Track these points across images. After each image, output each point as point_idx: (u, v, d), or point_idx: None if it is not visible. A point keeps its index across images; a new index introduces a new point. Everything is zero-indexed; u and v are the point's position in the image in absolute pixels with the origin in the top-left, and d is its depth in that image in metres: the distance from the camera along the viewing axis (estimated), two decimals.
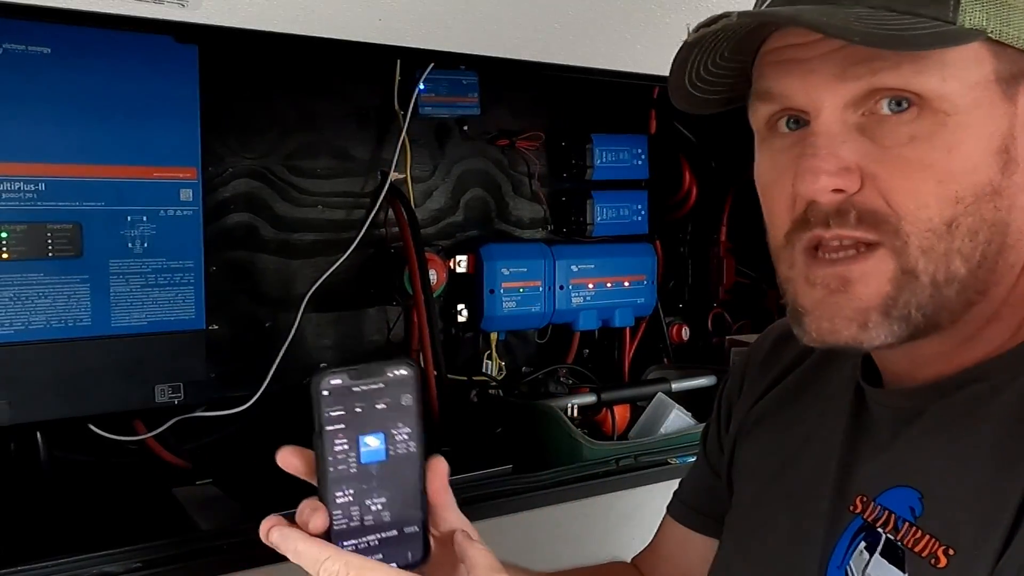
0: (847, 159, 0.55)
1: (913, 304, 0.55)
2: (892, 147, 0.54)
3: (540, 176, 1.55)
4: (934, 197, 0.54)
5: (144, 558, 0.96)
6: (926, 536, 0.56)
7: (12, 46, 0.98)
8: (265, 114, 1.30)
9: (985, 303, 0.57)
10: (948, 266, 0.54)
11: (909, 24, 0.52)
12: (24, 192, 1.00)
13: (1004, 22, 0.53)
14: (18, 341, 1.01)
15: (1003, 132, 0.54)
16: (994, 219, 0.55)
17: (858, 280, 0.56)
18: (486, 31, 0.97)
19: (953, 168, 0.54)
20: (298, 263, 1.35)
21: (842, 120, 0.55)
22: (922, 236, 0.54)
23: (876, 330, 0.55)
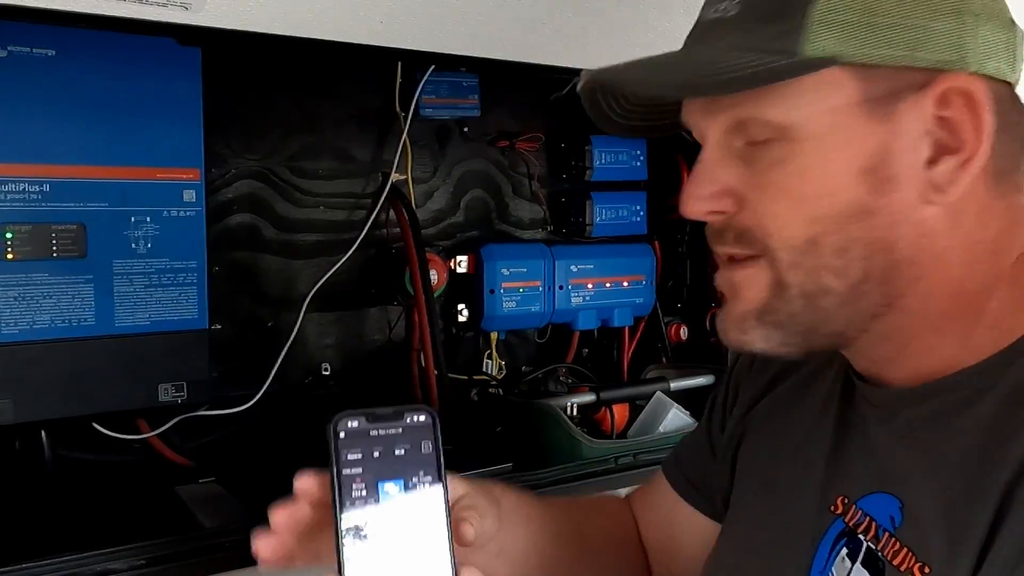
0: (724, 182, 0.59)
1: (785, 312, 0.58)
2: (758, 172, 0.57)
3: (540, 177, 1.55)
4: (793, 218, 0.56)
5: (147, 556, 0.96)
6: (904, 549, 0.56)
7: (17, 48, 0.98)
8: (267, 116, 1.30)
9: (900, 314, 0.57)
10: (818, 280, 0.57)
11: (744, 63, 0.54)
12: (29, 193, 1.00)
13: (868, 44, 0.53)
14: (23, 340, 1.01)
15: (870, 153, 0.55)
16: (869, 238, 0.56)
17: (742, 285, 0.60)
18: (486, 33, 0.97)
19: (807, 191, 0.56)
20: (300, 263, 1.35)
21: (726, 146, 0.59)
22: (787, 252, 0.57)
23: (753, 333, 0.60)
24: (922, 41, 0.53)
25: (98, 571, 0.94)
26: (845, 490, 0.63)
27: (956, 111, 0.54)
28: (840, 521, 0.62)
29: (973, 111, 0.54)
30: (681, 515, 0.85)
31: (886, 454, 0.60)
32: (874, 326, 0.58)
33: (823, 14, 0.53)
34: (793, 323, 0.58)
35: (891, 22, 0.53)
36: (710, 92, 0.57)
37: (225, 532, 1.01)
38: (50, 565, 0.92)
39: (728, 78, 0.54)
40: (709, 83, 0.55)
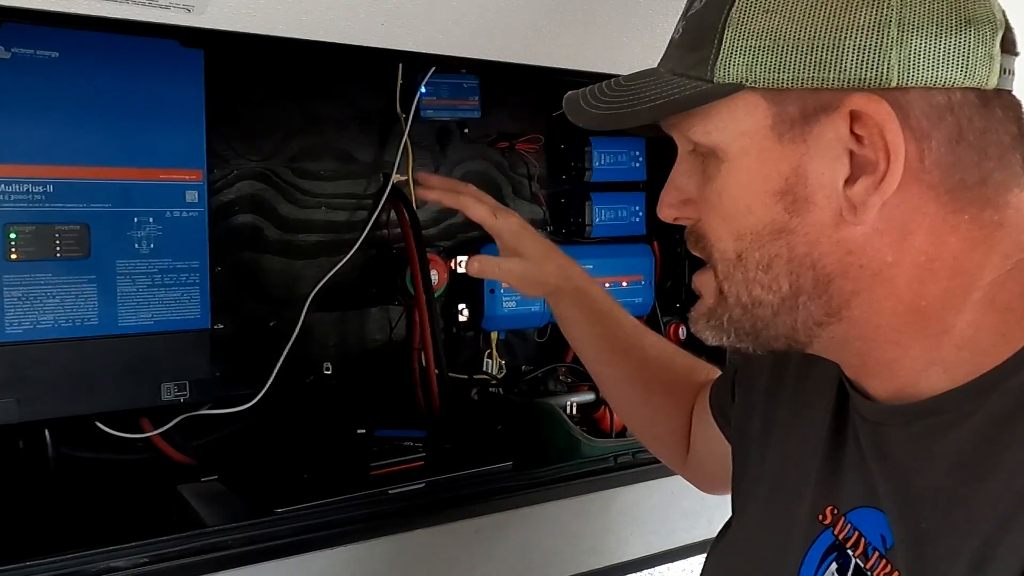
0: (688, 191, 0.63)
1: (726, 318, 0.61)
2: (701, 185, 0.61)
3: (540, 178, 1.55)
4: (722, 232, 0.59)
5: (150, 554, 0.96)
6: (895, 572, 0.55)
7: (21, 50, 0.98)
8: (269, 117, 1.31)
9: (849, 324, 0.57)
10: (750, 292, 0.59)
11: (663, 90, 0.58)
12: (33, 194, 1.01)
13: (776, 68, 0.54)
14: (27, 340, 1.01)
15: (783, 175, 0.55)
16: (790, 255, 0.56)
17: (700, 289, 0.64)
18: (487, 36, 0.97)
19: (727, 209, 0.58)
20: (302, 263, 1.35)
21: (691, 157, 0.62)
22: (722, 263, 0.60)
23: (704, 332, 0.64)
24: (830, 62, 0.52)
25: (101, 569, 0.94)
26: (835, 500, 0.62)
27: (868, 131, 0.53)
28: (829, 533, 0.61)
29: (884, 130, 0.52)
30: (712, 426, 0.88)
31: (872, 470, 0.59)
32: (824, 334, 0.59)
33: (733, 41, 0.55)
34: (735, 327, 0.61)
35: (797, 45, 0.53)
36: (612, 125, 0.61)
37: (227, 530, 1.02)
38: (54, 563, 0.92)
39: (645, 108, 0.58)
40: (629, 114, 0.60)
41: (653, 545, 1.36)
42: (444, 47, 0.99)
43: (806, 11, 0.53)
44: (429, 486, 1.17)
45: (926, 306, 0.55)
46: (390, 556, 1.12)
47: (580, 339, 1.02)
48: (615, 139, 1.53)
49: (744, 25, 0.54)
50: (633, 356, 0.99)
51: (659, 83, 0.59)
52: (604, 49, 1.04)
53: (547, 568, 1.25)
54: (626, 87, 0.62)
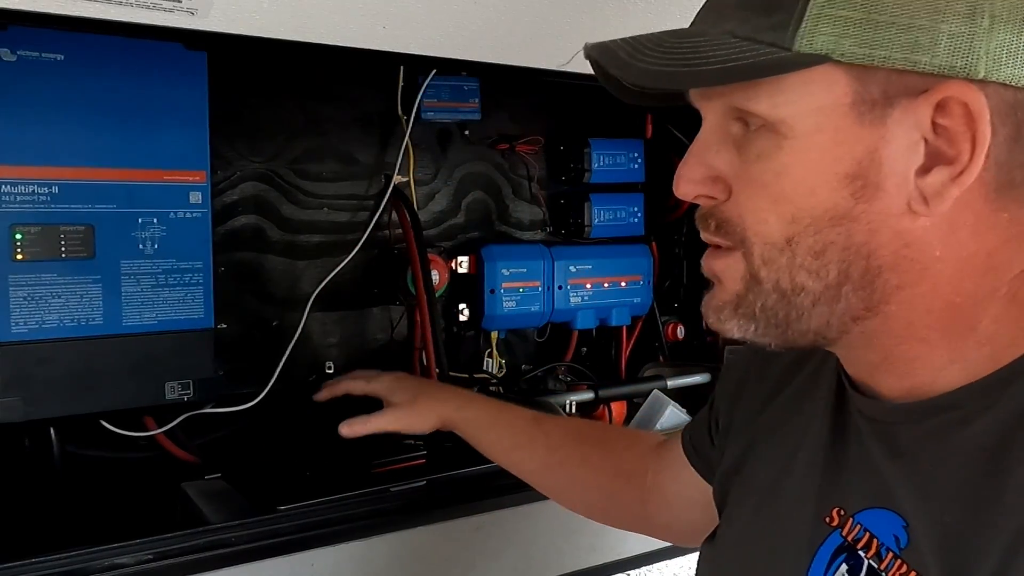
0: (716, 168, 0.57)
1: (758, 305, 0.57)
2: (746, 163, 0.56)
3: (539, 179, 1.55)
4: (771, 215, 0.55)
5: (154, 551, 0.96)
6: (913, 572, 0.53)
7: (26, 53, 0.98)
8: (272, 119, 1.30)
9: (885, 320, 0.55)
10: (793, 278, 0.55)
11: (731, 53, 0.52)
12: (38, 195, 1.00)
13: (866, 43, 0.50)
14: (32, 339, 1.01)
15: (856, 157, 0.52)
16: (847, 243, 0.53)
17: (722, 274, 0.59)
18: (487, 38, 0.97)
19: (785, 190, 0.54)
20: (304, 264, 1.35)
21: (723, 129, 0.57)
22: (763, 248, 0.56)
23: (728, 323, 0.59)
24: (924, 44, 0.49)
25: (106, 566, 0.94)
26: (841, 501, 0.61)
27: (954, 121, 0.51)
28: (837, 534, 0.60)
29: (970, 124, 0.50)
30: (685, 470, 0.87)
31: (883, 470, 0.58)
32: (855, 328, 0.56)
33: (821, 7, 0.50)
34: (766, 316, 0.57)
35: (892, 21, 0.49)
36: (689, 84, 0.55)
37: (231, 527, 1.02)
38: (59, 560, 0.92)
39: (705, 70, 0.52)
40: (690, 74, 0.53)
41: (652, 542, 1.36)
42: (445, 50, 0.99)
43: None
44: (430, 484, 1.17)
45: (960, 303, 0.55)
46: (392, 553, 1.12)
47: (491, 449, 1.06)
48: (614, 141, 1.53)
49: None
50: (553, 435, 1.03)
51: (720, 45, 0.53)
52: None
53: (547, 565, 1.25)
54: (676, 45, 0.54)
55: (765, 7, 0.52)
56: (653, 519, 0.95)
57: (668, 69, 0.53)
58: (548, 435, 1.02)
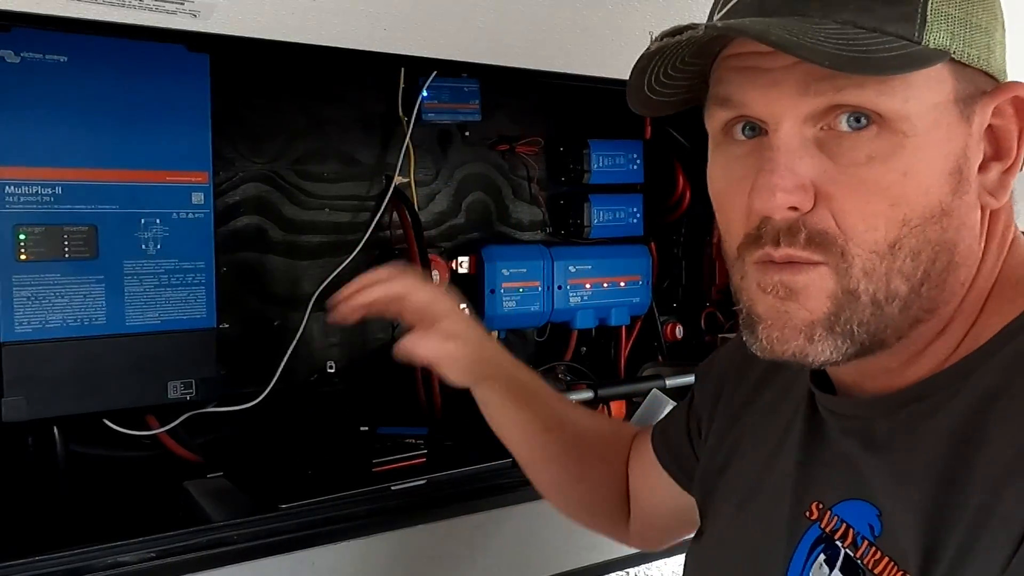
0: (803, 176, 0.52)
1: (855, 321, 0.53)
2: (848, 166, 0.52)
3: (539, 180, 1.55)
4: (884, 219, 0.51)
5: (157, 549, 0.96)
6: (885, 558, 0.54)
7: (30, 55, 0.98)
8: (274, 120, 1.31)
9: (934, 320, 0.55)
10: (888, 285, 0.52)
11: (875, 43, 0.49)
12: (42, 195, 1.00)
13: (967, 43, 0.52)
14: (36, 339, 1.01)
15: (957, 153, 0.52)
16: (940, 239, 0.53)
17: (802, 291, 0.53)
18: (487, 40, 0.97)
19: (907, 191, 0.51)
20: (306, 264, 1.35)
21: (800, 134, 0.53)
22: (866, 258, 0.52)
23: (822, 344, 0.53)
24: (992, 48, 0.53)
25: (109, 563, 0.94)
26: (819, 496, 0.61)
27: (1006, 120, 0.54)
28: (816, 527, 0.60)
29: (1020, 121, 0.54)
30: (659, 477, 0.86)
31: (859, 463, 0.58)
32: (910, 332, 0.55)
33: (937, 4, 0.51)
34: (862, 330, 0.53)
35: (979, 24, 0.52)
36: (873, 71, 0.49)
37: (233, 526, 1.02)
38: (63, 558, 0.92)
39: (882, 58, 0.48)
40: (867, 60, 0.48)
41: None
42: (445, 52, 0.99)
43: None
44: (430, 482, 1.17)
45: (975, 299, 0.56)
46: (392, 551, 1.12)
47: (511, 425, 0.94)
48: (613, 142, 1.53)
49: None
50: (567, 432, 0.93)
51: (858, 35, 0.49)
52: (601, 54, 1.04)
53: (546, 563, 1.25)
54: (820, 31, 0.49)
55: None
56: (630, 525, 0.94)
57: (847, 54, 0.48)
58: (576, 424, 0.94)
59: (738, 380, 0.78)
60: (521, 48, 1.01)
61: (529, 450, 0.95)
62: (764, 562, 0.64)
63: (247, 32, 0.84)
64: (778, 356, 0.55)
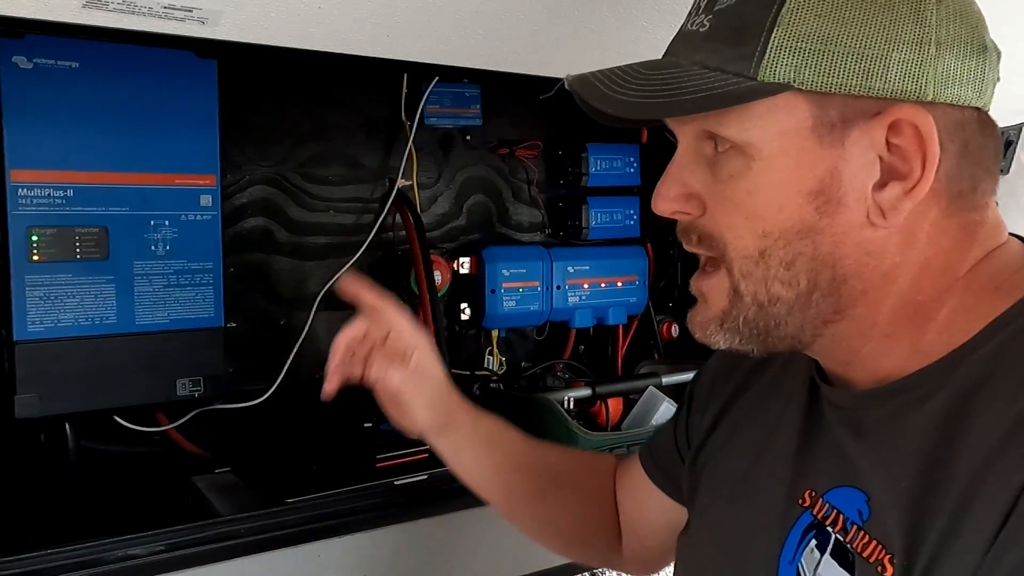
0: (691, 186, 0.59)
1: (741, 319, 0.59)
2: (719, 182, 0.58)
3: (538, 183, 1.55)
4: (745, 230, 0.57)
5: (166, 542, 0.96)
6: (873, 541, 0.55)
7: (43, 61, 0.99)
8: (280, 124, 1.31)
9: (851, 321, 0.58)
10: (768, 289, 0.57)
11: (704, 84, 0.54)
12: (54, 198, 1.01)
13: (823, 72, 0.53)
14: (48, 338, 1.01)
15: (818, 176, 0.54)
16: (814, 254, 0.56)
17: (708, 293, 0.61)
18: (488, 46, 0.97)
19: (757, 208, 0.56)
20: (311, 264, 1.35)
21: (696, 151, 0.59)
22: (741, 262, 0.58)
23: (715, 336, 0.61)
24: (877, 71, 0.53)
25: (119, 556, 0.94)
26: (812, 484, 0.62)
27: (906, 141, 0.54)
28: (808, 514, 0.62)
29: (920, 143, 0.54)
30: (650, 496, 0.86)
31: (849, 451, 0.60)
32: (827, 331, 0.59)
33: (782, 40, 0.53)
34: (749, 327, 0.59)
35: (848, 52, 0.53)
36: (656, 114, 0.57)
37: (240, 519, 1.02)
38: (74, 551, 0.92)
39: (681, 100, 0.54)
40: (659, 104, 0.55)
41: None
42: (447, 58, 0.99)
43: (856, 21, 0.53)
44: (432, 477, 1.17)
45: (921, 301, 0.57)
46: (395, 544, 1.12)
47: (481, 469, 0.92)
48: (611, 146, 1.53)
49: (794, 26, 0.53)
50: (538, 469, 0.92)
51: (693, 76, 0.55)
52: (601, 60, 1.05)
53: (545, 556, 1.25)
54: (651, 76, 0.57)
55: (733, 40, 0.55)
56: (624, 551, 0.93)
57: (647, 100, 0.56)
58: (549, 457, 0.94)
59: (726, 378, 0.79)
60: (521, 54, 1.01)
61: (506, 493, 0.92)
62: (758, 548, 0.65)
63: (254, 38, 0.84)
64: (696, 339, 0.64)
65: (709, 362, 0.85)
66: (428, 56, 0.97)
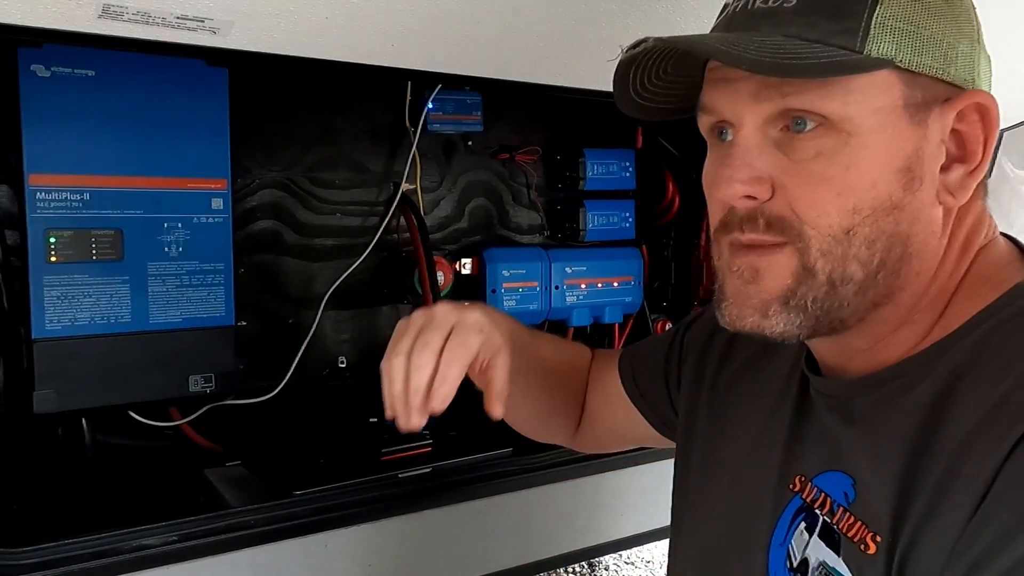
0: (760, 169, 0.56)
1: (810, 297, 0.56)
2: (799, 161, 0.55)
3: (537, 187, 1.55)
4: (833, 207, 0.55)
5: (179, 532, 0.96)
6: (858, 522, 0.56)
7: (60, 69, 0.99)
8: (289, 130, 1.31)
9: (892, 306, 0.57)
10: (845, 268, 0.55)
11: (815, 53, 0.52)
12: (71, 201, 1.01)
13: (916, 52, 0.53)
14: (65, 336, 1.01)
15: (907, 153, 0.55)
16: (894, 231, 0.55)
17: (766, 271, 0.57)
18: (489, 55, 0.97)
19: (851, 183, 0.54)
20: (318, 265, 1.35)
21: (762, 134, 0.56)
22: (822, 240, 0.55)
23: (776, 318, 0.57)
24: (952, 59, 0.54)
25: (134, 547, 0.94)
26: (802, 469, 0.63)
27: (970, 125, 0.55)
28: (798, 498, 0.62)
29: (987, 127, 0.55)
30: (620, 404, 0.85)
31: (838, 437, 0.60)
32: (870, 315, 0.57)
33: (883, 18, 0.53)
34: (815, 307, 0.56)
35: (933, 37, 0.54)
36: (796, 75, 0.53)
37: (250, 511, 1.02)
38: (90, 541, 0.92)
39: (811, 63, 0.52)
40: (794, 66, 0.52)
41: (642, 524, 1.36)
42: (449, 66, 0.99)
43: (937, 9, 0.55)
44: (436, 471, 1.17)
45: (947, 286, 0.58)
46: (400, 535, 1.12)
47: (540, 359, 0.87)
48: (607, 151, 1.53)
49: (894, 5, 0.53)
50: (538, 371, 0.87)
51: (798, 46, 0.53)
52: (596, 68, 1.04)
53: (544, 545, 1.26)
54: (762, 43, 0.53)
55: (832, 14, 0.54)
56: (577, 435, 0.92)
57: (777, 61, 0.52)
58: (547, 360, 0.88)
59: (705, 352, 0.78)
60: (521, 63, 1.01)
61: None
62: (751, 532, 0.65)
63: (264, 48, 0.84)
64: (739, 329, 0.59)
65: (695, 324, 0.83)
66: (431, 65, 0.97)
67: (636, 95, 0.62)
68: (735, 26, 0.57)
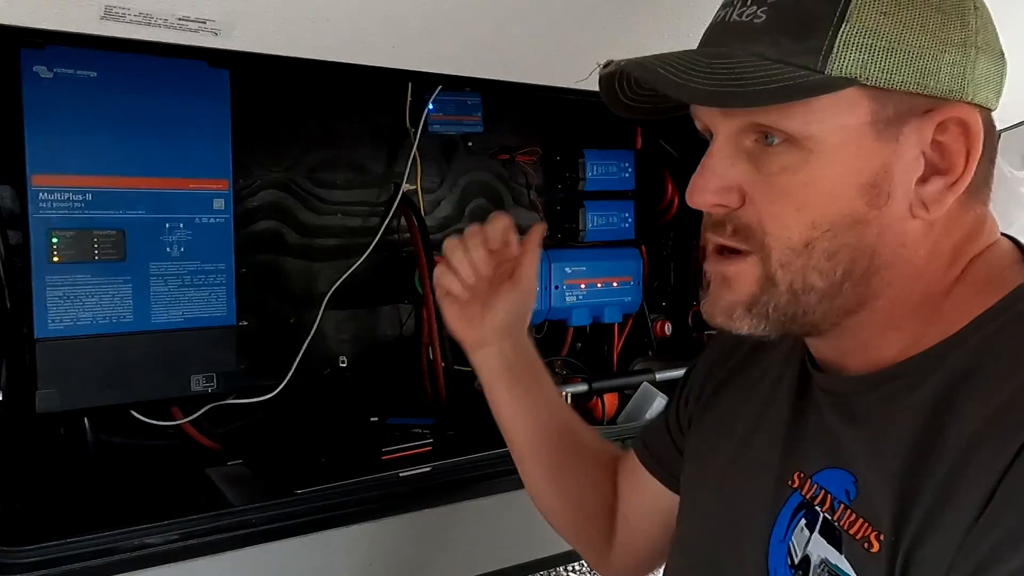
0: (731, 179, 0.57)
1: (771, 305, 0.58)
2: (768, 174, 0.56)
3: (537, 187, 1.55)
4: (793, 221, 0.55)
5: (180, 531, 0.96)
6: (860, 520, 0.56)
7: (62, 70, 0.99)
8: (290, 131, 1.31)
9: (870, 312, 0.58)
10: (805, 278, 0.56)
11: (771, 76, 0.52)
12: (73, 201, 1.01)
13: (887, 69, 0.53)
14: (67, 335, 1.01)
15: (872, 170, 0.54)
16: (858, 244, 0.55)
17: (733, 278, 0.59)
18: (489, 57, 0.97)
19: (810, 199, 0.55)
20: (319, 265, 1.35)
21: (736, 144, 0.57)
22: (780, 252, 0.56)
23: (740, 321, 0.59)
24: (932, 71, 0.53)
25: (135, 545, 0.94)
26: (801, 466, 0.63)
27: (951, 138, 0.54)
28: (797, 494, 0.62)
29: (968, 139, 0.54)
30: (644, 482, 0.85)
31: (839, 434, 0.60)
32: (846, 321, 0.58)
33: (850, 35, 0.52)
34: (777, 313, 0.58)
35: (908, 50, 0.53)
36: (738, 104, 0.54)
37: (251, 510, 1.02)
38: (92, 540, 0.92)
39: (755, 91, 0.52)
40: (737, 94, 0.53)
41: None
42: (450, 67, 0.99)
43: (915, 21, 0.53)
44: (436, 469, 1.17)
45: (932, 292, 0.58)
46: (400, 533, 1.12)
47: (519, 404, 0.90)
48: (607, 152, 1.53)
49: (861, 22, 0.52)
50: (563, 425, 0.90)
51: (757, 67, 0.54)
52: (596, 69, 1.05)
53: (544, 544, 1.26)
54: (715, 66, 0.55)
55: (796, 33, 0.53)
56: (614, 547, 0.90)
57: (720, 89, 0.53)
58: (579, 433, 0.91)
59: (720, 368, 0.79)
60: (521, 64, 1.01)
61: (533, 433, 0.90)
62: (749, 528, 0.65)
63: (265, 49, 0.84)
64: (713, 325, 0.62)
65: (706, 351, 0.84)
66: (432, 66, 0.97)
67: (627, 99, 0.63)
68: (711, 40, 0.59)
